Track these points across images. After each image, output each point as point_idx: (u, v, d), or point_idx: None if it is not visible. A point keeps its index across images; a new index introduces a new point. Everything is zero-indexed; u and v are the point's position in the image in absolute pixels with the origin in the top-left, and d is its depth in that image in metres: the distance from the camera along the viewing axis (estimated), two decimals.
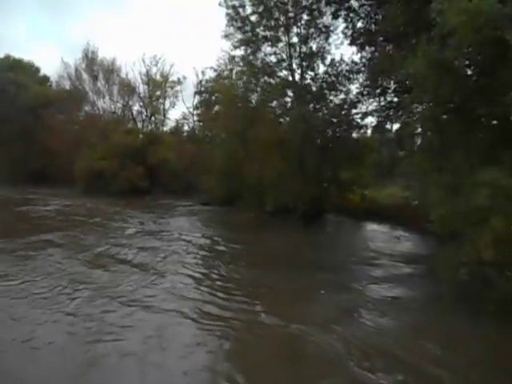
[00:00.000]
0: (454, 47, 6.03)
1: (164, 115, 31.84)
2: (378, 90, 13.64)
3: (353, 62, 14.95)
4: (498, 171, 5.50)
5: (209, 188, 20.54)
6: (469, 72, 6.90)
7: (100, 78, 31.40)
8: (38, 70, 38.09)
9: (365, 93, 14.48)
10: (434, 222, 6.49)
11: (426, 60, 6.31)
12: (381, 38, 11.68)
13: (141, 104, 31.66)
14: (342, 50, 18.63)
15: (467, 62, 6.71)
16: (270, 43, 16.23)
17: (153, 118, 31.59)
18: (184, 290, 7.31)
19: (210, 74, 26.57)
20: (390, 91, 13.37)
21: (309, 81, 16.26)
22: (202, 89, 28.13)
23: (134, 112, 31.88)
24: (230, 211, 18.18)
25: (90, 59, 31.32)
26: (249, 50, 16.57)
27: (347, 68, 15.30)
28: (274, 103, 17.29)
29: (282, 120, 17.21)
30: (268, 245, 12.01)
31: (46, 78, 37.51)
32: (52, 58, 63.00)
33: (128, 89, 31.24)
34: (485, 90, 6.29)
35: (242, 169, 16.27)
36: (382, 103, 14.00)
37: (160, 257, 9.91)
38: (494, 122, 6.96)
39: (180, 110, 37.32)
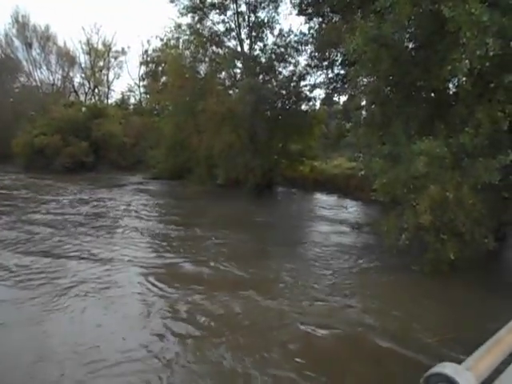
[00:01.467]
0: (392, 21, 6.21)
1: (108, 87, 30.30)
2: (326, 63, 13.81)
3: (301, 32, 14.97)
4: (433, 141, 5.85)
5: (157, 162, 20.08)
6: (409, 46, 7.14)
7: (35, 46, 28.97)
8: None
9: (313, 65, 14.61)
10: (377, 190, 6.85)
11: (363, 36, 6.47)
12: (328, 9, 11.69)
13: (82, 75, 29.85)
14: (291, 21, 18.52)
15: (407, 36, 6.93)
16: (218, 11, 15.74)
17: (96, 91, 29.91)
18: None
19: (156, 44, 25.48)
20: (337, 63, 13.57)
21: (258, 52, 16.11)
22: (148, 59, 26.87)
23: (76, 84, 30.01)
24: (180, 185, 17.94)
25: (22, 24, 28.67)
26: (196, 18, 15.97)
27: (296, 39, 15.31)
28: (223, 74, 16.97)
29: (231, 92, 16.97)
30: (217, 211, 12.37)
31: None
32: None
33: (67, 58, 29.16)
34: (423, 64, 6.58)
35: (191, 142, 16.00)
36: (330, 75, 14.22)
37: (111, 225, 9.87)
38: (432, 94, 7.33)
39: (125, 82, 35.55)
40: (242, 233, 9.34)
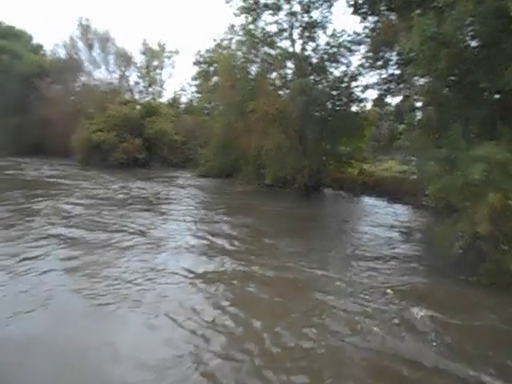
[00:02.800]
0: (454, 18, 5.90)
1: (161, 86, 31.32)
2: (380, 62, 13.40)
3: (355, 32, 14.64)
4: (494, 146, 5.50)
5: (206, 160, 20.56)
6: (471, 44, 6.76)
7: (95, 47, 30.69)
8: (30, 37, 37.08)
9: (366, 65, 14.23)
10: (431, 195, 6.55)
11: (421, 34, 6.20)
12: (384, 7, 11.35)
13: (138, 74, 31.11)
14: (345, 20, 18.23)
15: (469, 34, 6.56)
16: (271, 11, 15.80)
17: (150, 89, 31.05)
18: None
19: (209, 45, 26.06)
20: (391, 63, 13.14)
21: (309, 52, 15.95)
22: (201, 59, 27.51)
23: (131, 83, 31.36)
24: (228, 183, 18.32)
25: (85, 27, 30.50)
26: (249, 19, 16.13)
27: (349, 39, 15.00)
28: (274, 75, 17.01)
29: (281, 92, 16.97)
30: (264, 208, 12.68)
31: (39, 47, 36.59)
32: (43, 24, 61.42)
33: (124, 58, 30.59)
34: (486, 63, 6.20)
35: (240, 141, 16.22)
36: (384, 76, 13.78)
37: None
38: (496, 96, 6.89)
39: (177, 82, 36.64)
40: (290, 236, 9.24)
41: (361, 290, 5.77)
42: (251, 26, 16.34)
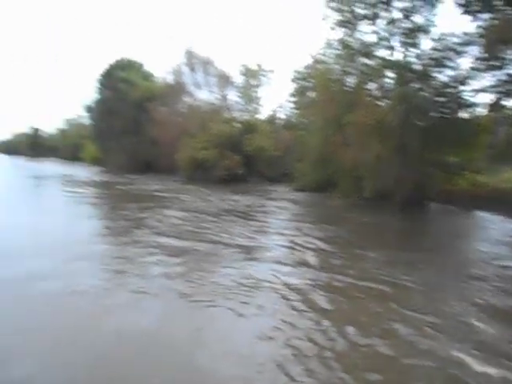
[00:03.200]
0: None
1: (258, 104, 32.57)
2: (496, 63, 12.10)
3: (464, 33, 13.49)
4: None
5: (303, 174, 20.66)
6: None
7: (198, 70, 33.28)
8: (141, 66, 41.69)
9: (479, 67, 12.97)
10: None
11: None
12: (500, 2, 10.31)
13: (237, 94, 32.83)
14: (449, 22, 17.00)
15: None
16: (369, 22, 15.46)
17: (248, 107, 32.48)
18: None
19: (306, 61, 26.47)
20: (510, 63, 11.79)
21: (411, 58, 15.14)
22: (298, 76, 28.02)
23: (231, 102, 33.19)
24: (324, 197, 18.18)
25: (189, 52, 33.34)
26: (346, 31, 16.00)
27: (457, 41, 13.87)
28: (372, 85, 16.50)
29: (380, 103, 16.36)
30: (360, 222, 12.21)
31: (149, 74, 40.94)
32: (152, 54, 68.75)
33: (224, 79, 32.59)
34: None
35: (337, 154, 15.97)
36: (501, 77, 12.40)
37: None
38: None
39: (274, 98, 37.70)
40: (386, 249, 8.80)
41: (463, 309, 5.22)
42: (348, 39, 16.19)
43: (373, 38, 15.63)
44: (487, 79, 12.99)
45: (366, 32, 15.73)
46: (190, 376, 3.89)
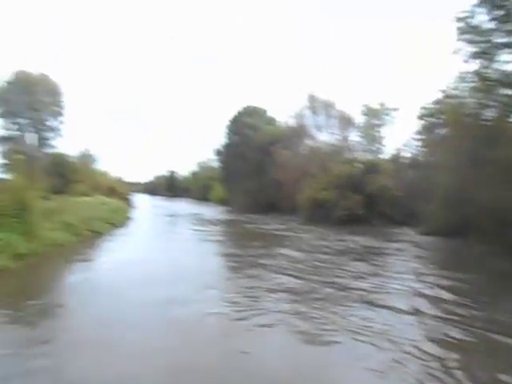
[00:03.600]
0: None
1: (382, 143, 31.62)
2: None
3: None
4: None
5: (431, 217, 18.95)
6: None
7: (320, 112, 34.11)
8: (265, 112, 44.65)
9: None
10: None
11: None
12: None
13: (358, 134, 32.51)
14: None
15: None
16: (509, 50, 14.05)
17: (371, 147, 31.77)
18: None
19: (435, 96, 25.02)
20: None
21: None
22: (426, 112, 26.60)
23: (352, 142, 32.94)
24: (460, 244, 16.20)
25: (311, 96, 34.54)
26: (482, 63, 14.78)
27: None
28: None
29: None
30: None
31: (272, 119, 43.48)
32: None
33: (345, 120, 32.68)
34: None
35: (474, 194, 14.30)
36: None
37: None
38: None
39: (399, 137, 36.24)
40: None
41: None
42: (484, 70, 14.90)
43: None
44: None
45: (507, 61, 14.31)
46: None
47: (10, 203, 13.72)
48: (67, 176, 36.69)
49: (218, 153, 48.15)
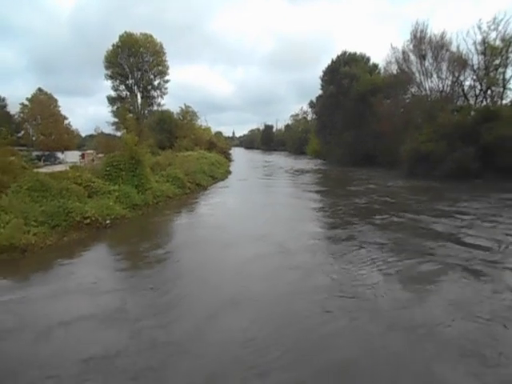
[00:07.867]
0: None
1: (504, 86, 27.22)
2: None
3: None
4: None
5: None
6: None
7: (428, 56, 30.33)
8: (368, 60, 41.48)
9: None
10: None
11: None
12: None
13: (474, 77, 28.36)
14: None
15: None
16: None
17: (488, 92, 27.65)
18: None
19: None
20: None
21: None
22: None
23: (465, 88, 29.01)
24: None
25: (418, 39, 30.70)
26: None
27: None
28: None
29: None
30: None
31: (374, 67, 40.21)
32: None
33: (458, 63, 28.63)
34: None
35: None
36: None
37: None
38: None
39: None
40: None
41: None
42: None
43: None
44: None
45: None
46: None
47: (126, 159, 15.28)
48: (172, 132, 39.34)
49: (313, 104, 46.77)
